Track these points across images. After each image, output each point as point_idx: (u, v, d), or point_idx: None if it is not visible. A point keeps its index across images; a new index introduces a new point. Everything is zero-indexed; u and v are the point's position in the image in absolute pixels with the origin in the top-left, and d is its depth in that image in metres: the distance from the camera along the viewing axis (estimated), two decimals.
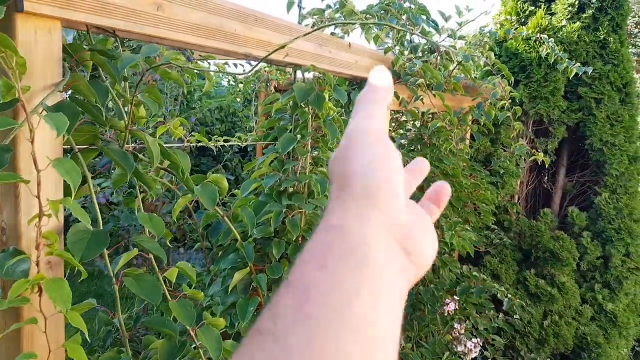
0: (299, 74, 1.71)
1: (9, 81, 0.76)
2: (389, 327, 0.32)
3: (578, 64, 2.67)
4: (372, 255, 0.33)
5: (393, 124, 2.66)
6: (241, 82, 3.11)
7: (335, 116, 1.69)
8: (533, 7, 3.55)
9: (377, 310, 0.32)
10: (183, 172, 1.29)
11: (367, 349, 0.30)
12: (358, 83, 2.18)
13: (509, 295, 2.56)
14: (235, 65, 3.37)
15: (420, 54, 2.33)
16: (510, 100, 2.61)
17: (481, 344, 2.45)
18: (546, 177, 3.72)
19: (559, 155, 3.66)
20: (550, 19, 3.47)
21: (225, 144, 2.00)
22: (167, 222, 2.72)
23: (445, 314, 2.46)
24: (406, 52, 2.49)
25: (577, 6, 3.42)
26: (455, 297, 2.52)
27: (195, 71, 1.42)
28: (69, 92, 1.05)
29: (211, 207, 1.34)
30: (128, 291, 1.26)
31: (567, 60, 2.69)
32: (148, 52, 1.07)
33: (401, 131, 2.68)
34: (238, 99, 3.96)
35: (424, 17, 2.16)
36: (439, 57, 2.38)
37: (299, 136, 1.60)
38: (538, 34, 3.08)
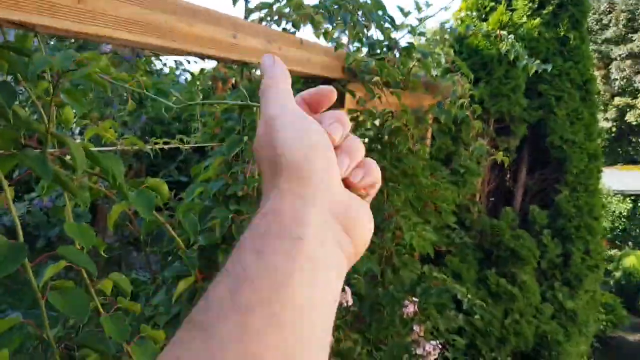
0: (249, 71, 1.64)
1: None
2: (324, 307, 0.33)
3: (538, 61, 2.67)
4: (308, 236, 0.33)
5: (351, 124, 2.60)
6: (198, 80, 3.02)
7: None
8: (494, 3, 3.56)
9: (312, 290, 0.32)
10: (114, 177, 1.21)
11: (300, 333, 0.30)
12: (313, 81, 2.11)
13: (469, 296, 2.55)
14: (189, 62, 3.28)
15: (378, 51, 2.27)
16: (469, 99, 2.59)
17: (441, 346, 2.43)
18: (508, 176, 3.74)
19: (521, 153, 3.68)
20: (511, 15, 3.48)
21: (166, 147, 1.90)
22: (119, 226, 2.61)
23: (405, 316, 2.43)
24: (365, 50, 2.43)
25: (537, 2, 3.44)
26: (415, 298, 2.48)
27: (148, 69, 1.33)
28: None
29: (148, 215, 1.25)
30: None
31: (526, 57, 2.69)
32: (65, 58, 0.97)
33: (360, 131, 2.62)
34: (197, 97, 3.84)
35: (380, 12, 2.11)
36: (397, 54, 2.33)
37: (246, 137, 1.52)
38: (498, 31, 3.07)
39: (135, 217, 1.56)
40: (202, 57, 1.38)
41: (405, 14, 2.67)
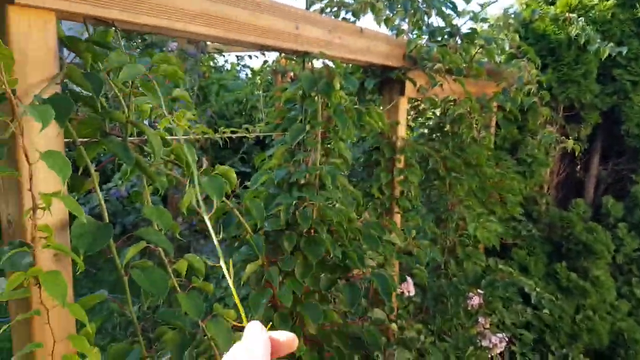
0: (310, 61, 1.67)
1: None
2: None
3: (611, 44, 2.53)
4: None
5: (412, 113, 2.59)
6: (258, 74, 3.10)
7: (347, 105, 1.64)
8: None
9: None
10: (188, 164, 1.28)
11: None
12: (373, 70, 2.12)
13: (538, 289, 2.47)
14: (250, 57, 3.36)
15: (439, 39, 2.25)
16: (537, 85, 2.50)
17: (507, 339, 2.37)
18: (579, 166, 3.57)
19: (593, 142, 3.51)
20: None
21: (233, 135, 1.98)
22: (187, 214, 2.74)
23: (469, 308, 2.39)
24: (425, 37, 2.41)
25: None
26: (480, 290, 2.44)
27: (211, 65, 1.40)
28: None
29: (218, 200, 1.32)
30: None
31: (599, 40, 2.56)
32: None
33: (420, 120, 2.61)
34: (256, 92, 3.95)
35: None
36: (459, 41, 2.29)
37: (308, 126, 1.57)
38: (567, 14, 2.93)
39: (205, 204, 1.65)
40: (266, 48, 1.43)
41: (467, 0, 2.62)
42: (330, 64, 1.57)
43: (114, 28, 1.14)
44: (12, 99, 0.81)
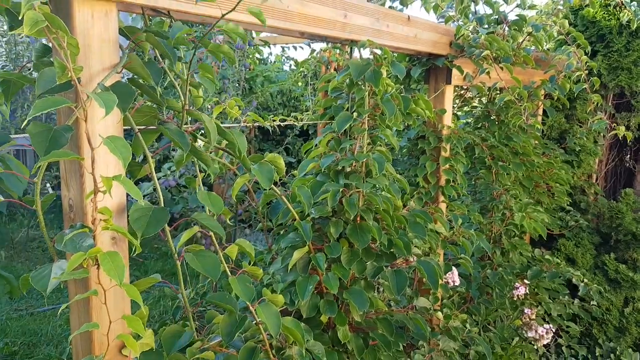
0: (355, 51, 1.67)
1: (62, 62, 0.79)
2: None
3: None
4: None
5: (457, 101, 2.55)
6: (302, 66, 3.12)
7: (394, 93, 1.63)
8: None
9: None
10: (240, 150, 1.31)
11: None
12: (419, 58, 2.10)
13: (585, 280, 2.40)
14: (295, 48, 3.37)
15: (486, 26, 2.20)
16: (587, 72, 2.42)
17: (554, 331, 2.32)
18: (628, 155, 3.44)
19: None
20: None
21: (282, 124, 2.00)
22: (233, 204, 2.80)
23: (515, 299, 2.35)
24: (471, 25, 2.37)
25: None
26: (526, 281, 2.39)
27: (257, 56, 1.42)
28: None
29: (268, 186, 1.35)
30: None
31: None
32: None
33: (466, 108, 2.56)
34: (299, 83, 3.98)
35: None
36: (506, 28, 2.24)
37: (355, 114, 1.57)
38: None
39: (254, 192, 1.68)
40: (315, 37, 1.44)
41: None
42: (378, 51, 1.56)
43: (169, 18, 1.17)
44: (78, 85, 0.84)
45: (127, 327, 1.00)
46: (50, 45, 0.97)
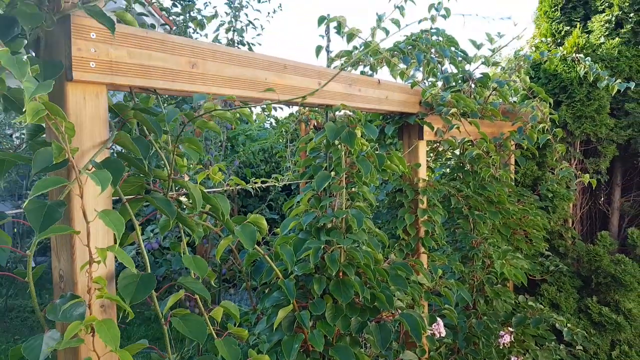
0: (333, 113, 1.77)
1: (59, 144, 0.86)
2: None
3: (619, 80, 2.61)
4: None
5: (431, 155, 2.67)
6: (283, 126, 3.25)
7: (368, 151, 1.73)
8: (568, 27, 3.52)
9: None
10: (223, 214, 1.37)
11: None
12: (392, 117, 2.22)
13: (569, 325, 2.45)
14: (275, 109, 3.50)
15: (453, 84, 2.35)
16: (550, 123, 2.57)
17: None
18: (602, 199, 3.58)
19: (612, 174, 3.52)
20: (588, 37, 3.42)
21: (263, 185, 2.07)
22: (217, 263, 2.82)
23: (501, 347, 2.38)
24: (440, 83, 2.52)
25: (614, 22, 3.36)
26: (511, 329, 2.43)
27: (237, 116, 1.51)
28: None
29: (251, 247, 1.40)
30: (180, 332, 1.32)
31: (607, 77, 2.64)
32: (192, 103, 1.16)
33: (442, 160, 2.68)
34: (281, 140, 4.11)
35: (453, 48, 2.20)
36: (472, 85, 2.39)
37: (333, 173, 1.65)
38: (574, 54, 3.03)
39: (238, 251, 1.73)
40: (292, 103, 1.54)
41: (478, 47, 2.74)
42: (352, 114, 1.67)
43: (155, 94, 1.26)
44: (75, 165, 0.91)
45: None
46: (42, 125, 1.04)
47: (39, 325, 1.02)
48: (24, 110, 0.79)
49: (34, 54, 1.08)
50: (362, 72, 1.97)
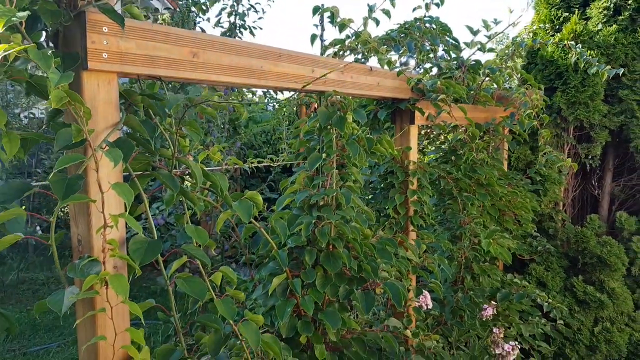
0: (326, 99, 1.91)
1: (78, 126, 1.01)
2: None
3: (608, 67, 2.70)
4: None
5: (428, 138, 2.80)
6: (283, 107, 3.38)
7: (359, 135, 1.87)
8: (567, 13, 3.59)
9: None
10: (222, 190, 1.52)
11: None
12: (384, 102, 2.35)
13: (550, 300, 2.59)
14: (275, 93, 3.63)
15: (445, 71, 2.47)
16: (540, 109, 2.68)
17: (519, 347, 2.50)
18: (593, 183, 3.69)
19: (605, 159, 3.63)
20: (586, 23, 3.49)
21: (260, 165, 2.22)
22: (218, 239, 2.99)
23: (484, 319, 2.54)
24: (435, 70, 2.63)
25: (612, 9, 3.43)
26: (493, 302, 2.58)
27: (233, 101, 1.65)
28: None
29: (247, 220, 1.55)
30: (184, 296, 1.46)
31: (597, 64, 2.73)
32: (192, 93, 1.30)
33: (433, 146, 2.80)
34: (282, 123, 4.24)
35: (446, 37, 2.31)
36: (465, 72, 2.50)
37: (324, 155, 1.79)
38: (566, 41, 3.12)
39: (237, 227, 1.88)
40: (287, 90, 1.68)
41: (475, 33, 2.84)
42: (343, 100, 1.80)
43: (160, 81, 1.40)
44: (91, 144, 1.06)
45: (129, 340, 1.19)
46: (59, 108, 1.19)
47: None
48: (48, 96, 0.94)
49: (52, 45, 1.23)
50: (357, 60, 2.09)
